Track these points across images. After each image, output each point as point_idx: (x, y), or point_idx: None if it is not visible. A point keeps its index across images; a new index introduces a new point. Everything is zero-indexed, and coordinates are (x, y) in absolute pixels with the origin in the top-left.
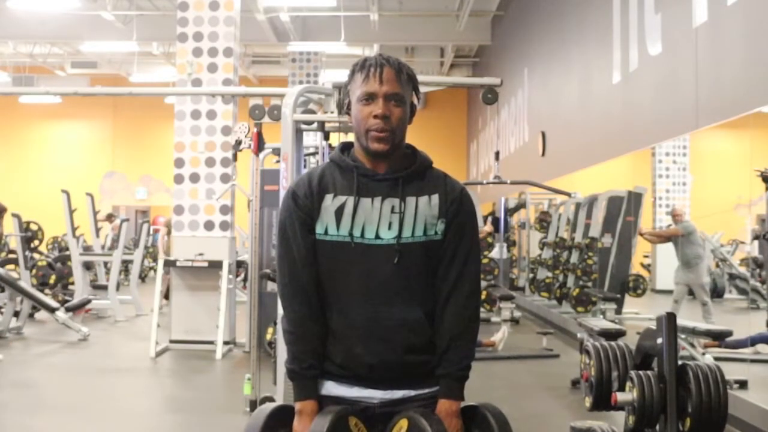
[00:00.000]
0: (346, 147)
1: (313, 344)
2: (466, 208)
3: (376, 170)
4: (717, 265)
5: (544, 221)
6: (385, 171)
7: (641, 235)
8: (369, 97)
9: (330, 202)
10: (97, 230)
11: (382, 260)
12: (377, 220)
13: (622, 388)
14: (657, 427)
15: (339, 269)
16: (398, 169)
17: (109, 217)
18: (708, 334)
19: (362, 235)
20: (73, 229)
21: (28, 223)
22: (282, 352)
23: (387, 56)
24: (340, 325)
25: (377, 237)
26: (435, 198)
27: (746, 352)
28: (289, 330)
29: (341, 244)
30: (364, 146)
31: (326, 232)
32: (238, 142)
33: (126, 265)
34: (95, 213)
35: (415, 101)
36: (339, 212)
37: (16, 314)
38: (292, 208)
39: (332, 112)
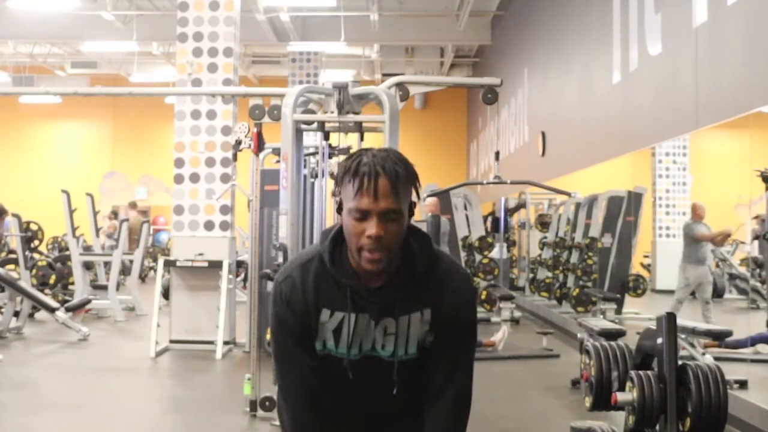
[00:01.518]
0: (337, 240)
1: None
2: (459, 313)
3: (371, 285)
4: (717, 265)
5: (544, 223)
6: (380, 287)
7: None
8: (362, 214)
9: (327, 319)
10: (97, 230)
11: (380, 373)
12: (372, 339)
13: (622, 388)
14: (657, 427)
15: (337, 377)
16: (393, 285)
17: (116, 214)
18: (708, 334)
19: (360, 351)
20: (73, 229)
21: (28, 223)
22: None
23: (383, 160)
24: (336, 420)
25: (373, 349)
26: (427, 314)
27: (746, 352)
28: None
29: (340, 359)
30: (356, 261)
31: (325, 347)
32: (238, 142)
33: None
34: (95, 213)
35: (415, 198)
36: (337, 331)
37: (16, 314)
38: (288, 318)
39: (332, 112)
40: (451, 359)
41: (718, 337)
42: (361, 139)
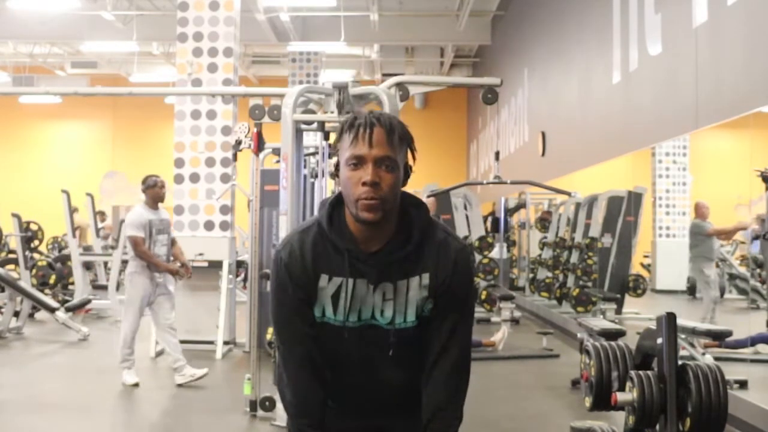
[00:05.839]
0: (335, 206)
1: (318, 415)
2: (457, 280)
3: (369, 249)
4: (717, 265)
5: (545, 220)
6: (378, 251)
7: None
8: (357, 161)
9: (326, 284)
10: (97, 230)
11: (379, 341)
12: (371, 305)
13: (622, 388)
14: (657, 427)
15: (336, 347)
16: (391, 249)
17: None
18: (708, 334)
19: (359, 318)
20: (73, 229)
21: (28, 223)
22: None
23: (378, 114)
24: (336, 390)
25: (372, 317)
26: (426, 278)
27: (746, 352)
28: (294, 403)
29: (339, 328)
30: (353, 214)
31: (323, 315)
32: (238, 142)
33: (126, 265)
34: (95, 213)
35: (411, 162)
36: (336, 297)
37: (16, 314)
38: (288, 285)
39: (332, 112)
40: (448, 326)
41: (718, 337)
42: None
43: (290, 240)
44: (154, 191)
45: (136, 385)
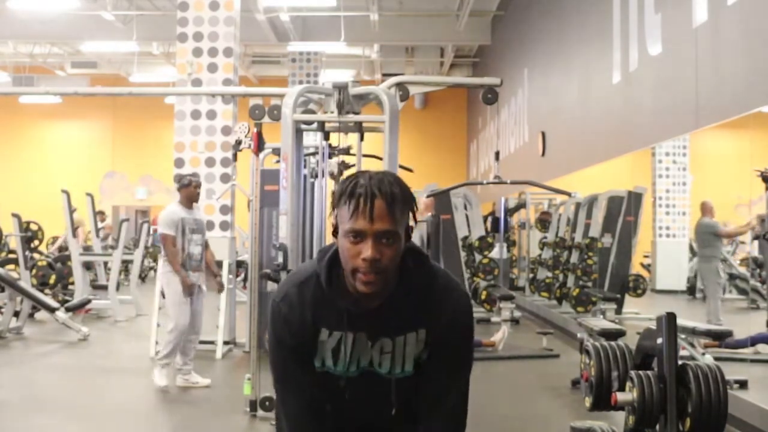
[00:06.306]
0: (334, 262)
1: None
2: (456, 333)
3: (369, 305)
4: None
5: (545, 221)
6: (377, 306)
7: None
8: (357, 235)
9: (326, 338)
10: (97, 230)
11: (378, 388)
12: (370, 357)
13: (622, 388)
14: (657, 427)
15: (335, 392)
16: (390, 306)
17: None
18: (708, 334)
19: (358, 368)
20: (73, 229)
21: (28, 223)
22: None
23: (379, 182)
24: (333, 417)
25: (371, 365)
26: (422, 333)
27: (746, 352)
28: None
29: (339, 377)
30: (351, 284)
31: (323, 365)
32: (238, 142)
33: (126, 265)
34: (95, 213)
35: (412, 223)
36: (336, 350)
37: (16, 314)
38: (287, 337)
39: (332, 112)
40: (442, 380)
41: (718, 337)
42: (361, 139)
43: (288, 293)
44: (188, 190)
45: (165, 388)
